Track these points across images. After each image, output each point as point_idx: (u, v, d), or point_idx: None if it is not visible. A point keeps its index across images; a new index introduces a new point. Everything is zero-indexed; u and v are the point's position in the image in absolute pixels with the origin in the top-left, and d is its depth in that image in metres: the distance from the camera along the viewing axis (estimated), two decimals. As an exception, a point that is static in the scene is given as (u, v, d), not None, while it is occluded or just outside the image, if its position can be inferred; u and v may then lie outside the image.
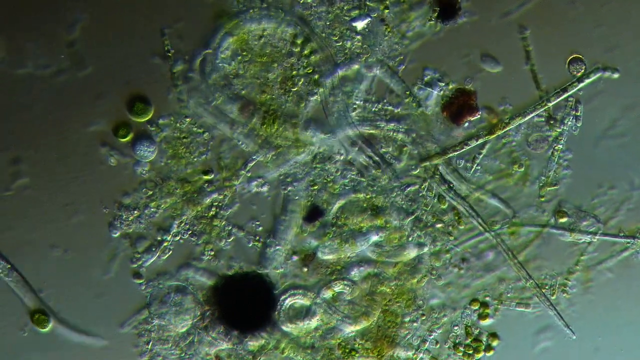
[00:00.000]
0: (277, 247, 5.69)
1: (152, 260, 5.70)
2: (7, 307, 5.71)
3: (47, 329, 5.72)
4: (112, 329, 5.74)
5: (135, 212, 5.67)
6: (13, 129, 5.60)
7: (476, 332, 5.82)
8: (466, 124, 5.64)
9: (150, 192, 5.67)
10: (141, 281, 5.72)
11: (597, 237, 5.73)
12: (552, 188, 5.71)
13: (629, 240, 5.74)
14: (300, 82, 5.61)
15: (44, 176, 5.64)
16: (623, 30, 5.65)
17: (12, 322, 5.72)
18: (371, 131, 5.65)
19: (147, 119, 5.60)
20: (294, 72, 5.60)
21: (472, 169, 5.69)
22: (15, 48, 5.54)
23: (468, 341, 5.83)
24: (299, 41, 5.57)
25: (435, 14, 5.58)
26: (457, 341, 5.83)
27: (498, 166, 5.71)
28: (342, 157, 5.66)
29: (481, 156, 5.68)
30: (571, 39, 5.64)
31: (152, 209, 5.69)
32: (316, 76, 5.60)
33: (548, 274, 5.77)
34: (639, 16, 5.66)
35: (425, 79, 5.62)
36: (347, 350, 5.78)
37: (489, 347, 5.83)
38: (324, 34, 5.59)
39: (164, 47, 5.53)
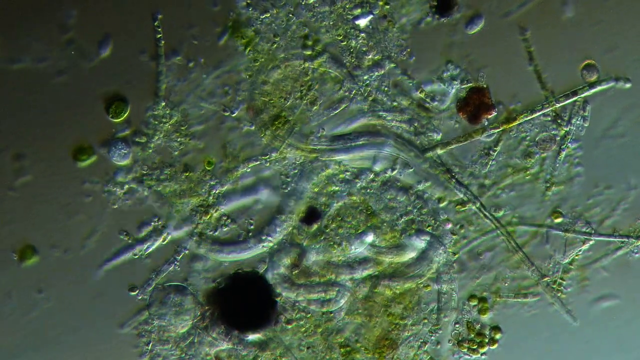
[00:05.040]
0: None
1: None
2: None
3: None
4: (112, 329, 5.73)
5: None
6: (13, 128, 5.58)
7: (478, 327, 5.86)
8: (485, 123, 5.66)
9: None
10: (136, 292, 5.71)
11: (591, 237, 5.78)
12: (557, 188, 5.75)
13: (623, 240, 5.79)
14: (317, 86, 5.60)
15: (44, 176, 5.61)
16: (622, 30, 5.68)
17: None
18: (373, 122, 5.65)
19: (123, 118, 5.56)
20: (309, 77, 5.60)
21: (487, 167, 5.70)
22: (11, 43, 5.50)
23: (471, 336, 5.86)
24: (309, 42, 5.55)
25: (433, 9, 5.57)
26: (460, 338, 5.86)
27: (513, 162, 5.73)
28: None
29: (495, 153, 5.69)
30: (571, 39, 5.65)
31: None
32: (333, 74, 5.59)
33: (551, 266, 5.82)
34: (639, 16, 5.69)
35: (447, 73, 5.61)
36: (347, 352, 5.80)
37: (492, 340, 5.87)
38: (329, 34, 5.57)
39: (156, 36, 5.49)
